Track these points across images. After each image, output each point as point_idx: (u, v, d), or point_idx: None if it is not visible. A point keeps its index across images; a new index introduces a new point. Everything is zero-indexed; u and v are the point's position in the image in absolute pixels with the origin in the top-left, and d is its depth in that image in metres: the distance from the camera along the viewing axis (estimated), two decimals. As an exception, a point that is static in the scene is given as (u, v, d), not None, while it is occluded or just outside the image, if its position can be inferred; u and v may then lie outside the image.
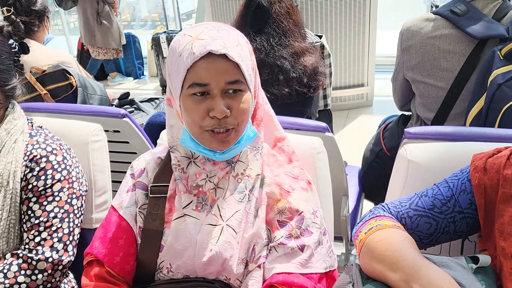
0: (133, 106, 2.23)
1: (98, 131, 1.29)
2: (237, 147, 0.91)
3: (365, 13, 3.47)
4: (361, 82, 3.82)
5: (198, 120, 0.85)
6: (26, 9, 1.89)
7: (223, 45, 0.81)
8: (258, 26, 1.62)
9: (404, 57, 1.62)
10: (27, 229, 1.06)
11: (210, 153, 0.90)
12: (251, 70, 0.88)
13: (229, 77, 0.83)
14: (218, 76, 0.82)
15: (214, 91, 0.83)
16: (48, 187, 1.07)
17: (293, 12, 1.67)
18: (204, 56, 0.81)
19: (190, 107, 0.85)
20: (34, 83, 1.74)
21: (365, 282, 0.78)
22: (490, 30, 1.43)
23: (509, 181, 0.76)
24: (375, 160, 1.81)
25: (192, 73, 0.83)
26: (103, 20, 4.62)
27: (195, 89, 0.83)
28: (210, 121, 0.85)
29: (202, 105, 0.84)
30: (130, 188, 0.99)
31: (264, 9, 1.61)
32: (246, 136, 0.91)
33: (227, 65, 0.82)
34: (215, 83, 0.83)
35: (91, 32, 4.65)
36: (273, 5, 1.62)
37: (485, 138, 1.07)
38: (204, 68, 0.82)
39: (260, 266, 0.90)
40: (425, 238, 0.86)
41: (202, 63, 0.81)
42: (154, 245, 0.93)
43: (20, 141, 1.09)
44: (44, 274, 1.04)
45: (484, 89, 1.36)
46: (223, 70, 0.82)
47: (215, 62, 0.81)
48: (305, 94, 1.62)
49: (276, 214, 0.92)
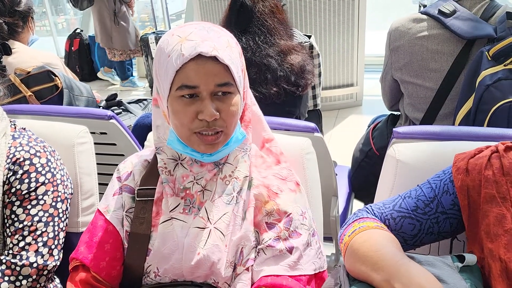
0: (120, 108, 2.20)
1: (84, 133, 1.27)
2: (225, 149, 0.89)
3: (354, 12, 3.48)
4: (351, 82, 3.83)
5: (187, 123, 0.84)
6: (9, 10, 1.85)
7: (213, 47, 0.80)
8: (243, 26, 1.62)
9: (393, 57, 1.62)
10: (11, 234, 1.03)
11: (198, 154, 0.88)
12: (241, 71, 0.87)
13: (219, 80, 0.82)
14: (207, 78, 0.81)
15: (203, 93, 0.82)
16: (32, 190, 1.04)
17: (277, 11, 1.67)
18: (194, 57, 0.80)
19: (178, 109, 0.84)
20: (19, 85, 1.70)
21: (352, 283, 0.78)
22: (477, 30, 1.43)
23: (490, 182, 0.76)
24: (364, 160, 1.81)
25: (181, 74, 0.81)
26: (120, 20, 4.51)
27: (183, 91, 0.82)
28: (199, 123, 0.84)
29: (191, 107, 0.83)
30: (116, 191, 0.97)
31: (247, 8, 1.61)
32: (235, 138, 0.90)
33: (217, 67, 0.81)
34: (205, 86, 0.81)
35: (108, 33, 4.54)
36: (256, 4, 1.62)
37: (472, 137, 1.08)
38: (194, 70, 0.80)
39: (248, 269, 0.89)
40: (409, 239, 0.86)
41: (191, 65, 0.80)
42: (141, 249, 0.92)
43: (2, 143, 1.06)
44: (29, 280, 1.02)
45: (472, 90, 1.36)
46: (212, 72, 0.81)
47: (205, 64, 0.80)
48: (293, 93, 1.62)
49: (264, 216, 0.91)
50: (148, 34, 4.67)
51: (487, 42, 1.43)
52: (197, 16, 3.84)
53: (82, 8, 4.50)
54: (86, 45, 5.30)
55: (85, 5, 4.46)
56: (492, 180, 0.76)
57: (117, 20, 4.49)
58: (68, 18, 7.71)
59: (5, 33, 1.85)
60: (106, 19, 4.50)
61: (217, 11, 3.70)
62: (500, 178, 0.76)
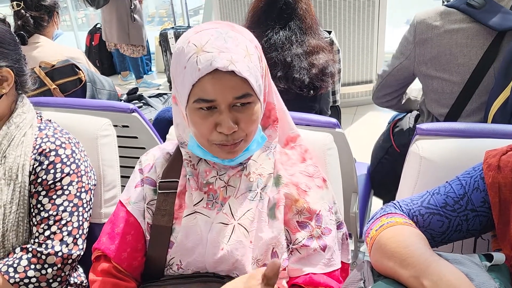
0: (141, 101, 2.22)
1: (107, 125, 1.28)
2: (246, 154, 0.89)
3: (374, 9, 3.44)
4: (370, 78, 3.79)
5: (206, 134, 0.83)
6: (36, 4, 1.89)
7: (230, 60, 0.76)
8: (285, 22, 1.63)
9: (417, 50, 1.58)
10: (37, 223, 1.06)
11: (219, 160, 0.89)
12: (260, 78, 0.84)
13: (237, 92, 0.79)
14: (225, 92, 0.78)
15: (222, 106, 0.80)
16: (57, 180, 1.06)
17: (311, 9, 1.68)
18: (210, 72, 0.77)
19: (196, 121, 0.83)
20: (44, 78, 1.74)
21: (376, 279, 0.77)
22: (510, 21, 1.41)
23: None
24: (384, 157, 1.79)
25: (198, 88, 0.79)
26: (136, 16, 4.55)
27: (201, 104, 0.80)
28: (217, 136, 0.83)
29: (209, 120, 0.81)
30: (138, 183, 0.98)
31: (290, 5, 1.63)
32: (256, 142, 0.90)
33: (234, 80, 0.78)
34: (222, 99, 0.79)
35: (125, 29, 4.57)
36: (298, 3, 1.64)
37: (498, 135, 1.05)
38: (210, 84, 0.78)
39: (285, 269, 0.90)
40: (437, 236, 0.85)
41: (208, 79, 0.77)
42: (163, 241, 0.93)
43: (29, 134, 1.09)
44: (54, 268, 1.04)
45: (509, 79, 1.33)
46: (230, 85, 0.78)
47: (221, 78, 0.77)
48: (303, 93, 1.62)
49: (295, 214, 0.92)
50: (167, 29, 4.70)
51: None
52: (216, 12, 3.84)
53: (99, 6, 4.53)
54: (106, 40, 5.36)
55: (101, 3, 4.49)
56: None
57: (133, 16, 4.55)
58: (88, 13, 7.82)
59: (31, 26, 1.89)
60: (123, 16, 4.55)
61: (236, 6, 3.69)
62: None
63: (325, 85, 1.64)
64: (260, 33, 1.60)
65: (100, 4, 4.48)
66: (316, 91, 1.63)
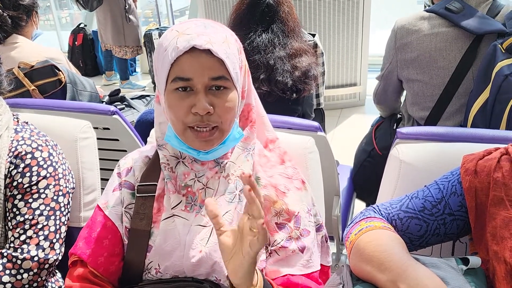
0: (123, 103, 2.20)
1: (87, 128, 1.26)
2: (221, 148, 0.89)
3: (358, 12, 3.47)
4: (354, 81, 3.82)
5: (181, 116, 0.84)
6: (14, 3, 1.85)
7: (208, 41, 0.80)
8: (267, 24, 1.63)
9: (399, 55, 1.61)
10: (12, 227, 1.03)
11: (194, 152, 0.88)
12: (238, 68, 0.87)
13: (213, 73, 0.82)
14: (201, 71, 0.81)
15: (198, 87, 0.82)
16: (33, 184, 1.04)
17: (293, 12, 1.68)
18: (188, 50, 0.80)
19: (173, 103, 0.84)
20: (22, 79, 1.70)
21: (355, 283, 0.77)
22: (488, 25, 1.45)
23: (499, 184, 0.76)
24: (367, 159, 1.80)
25: (176, 67, 0.82)
26: (131, 17, 4.51)
27: (178, 83, 0.82)
28: (193, 117, 0.83)
29: (185, 101, 0.83)
30: (116, 187, 0.97)
31: (272, 8, 1.63)
32: (232, 136, 0.89)
33: (211, 61, 0.81)
34: (199, 78, 0.81)
35: (120, 31, 4.53)
36: (281, 6, 1.64)
37: (476, 139, 1.07)
38: (188, 63, 0.81)
39: (262, 270, 0.89)
40: (415, 240, 0.85)
41: (186, 57, 0.80)
42: (141, 245, 0.91)
43: (4, 137, 1.06)
44: (30, 274, 1.01)
45: (488, 81, 1.37)
46: (207, 65, 0.81)
47: (199, 57, 0.80)
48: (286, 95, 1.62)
49: (274, 216, 0.92)
50: (151, 30, 4.67)
51: (497, 37, 1.44)
52: (201, 12, 3.83)
53: (93, 8, 4.47)
54: (89, 40, 5.30)
55: (95, 5, 4.44)
56: (501, 182, 0.75)
57: (128, 17, 4.50)
58: (72, 13, 7.72)
59: (8, 26, 1.85)
60: (118, 17, 4.49)
61: (221, 7, 3.69)
62: (509, 180, 0.75)
63: (308, 87, 1.64)
64: (243, 35, 1.60)
65: (94, 6, 4.42)
66: (299, 93, 1.63)
